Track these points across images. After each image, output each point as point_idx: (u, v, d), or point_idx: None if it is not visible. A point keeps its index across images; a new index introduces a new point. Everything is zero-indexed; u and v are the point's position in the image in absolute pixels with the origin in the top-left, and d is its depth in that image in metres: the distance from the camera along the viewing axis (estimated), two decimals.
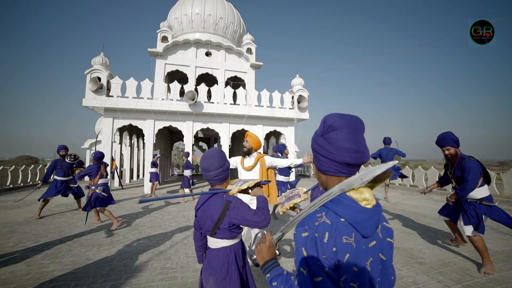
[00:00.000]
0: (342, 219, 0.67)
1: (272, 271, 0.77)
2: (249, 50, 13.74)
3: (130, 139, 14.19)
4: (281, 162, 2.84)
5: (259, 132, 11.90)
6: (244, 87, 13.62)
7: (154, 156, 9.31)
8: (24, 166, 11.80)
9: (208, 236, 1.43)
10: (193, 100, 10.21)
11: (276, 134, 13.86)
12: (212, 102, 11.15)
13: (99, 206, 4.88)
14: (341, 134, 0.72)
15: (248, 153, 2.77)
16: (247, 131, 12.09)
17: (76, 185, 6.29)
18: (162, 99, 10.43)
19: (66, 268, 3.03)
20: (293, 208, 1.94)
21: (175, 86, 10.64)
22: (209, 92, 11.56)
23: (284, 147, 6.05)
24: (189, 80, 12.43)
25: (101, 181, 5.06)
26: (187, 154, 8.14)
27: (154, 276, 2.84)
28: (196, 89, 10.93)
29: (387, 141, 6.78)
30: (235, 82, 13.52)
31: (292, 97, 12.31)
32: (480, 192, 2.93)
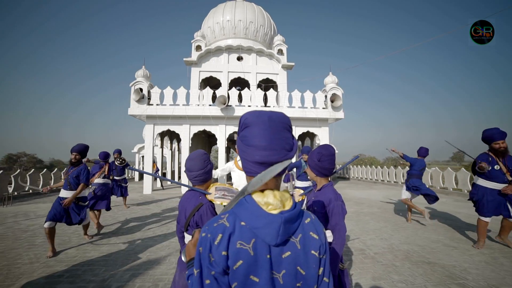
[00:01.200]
0: (242, 223, 0.63)
1: (190, 268, 0.76)
2: (280, 51, 13.69)
3: (171, 143, 15.39)
4: None
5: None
6: (276, 89, 13.59)
7: None
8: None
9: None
10: (224, 104, 10.59)
11: (310, 136, 13.44)
12: (243, 106, 11.39)
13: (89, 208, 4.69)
14: (252, 131, 0.68)
15: None
16: None
17: (126, 184, 7.10)
18: (197, 105, 11.06)
19: (102, 255, 3.53)
20: None
21: (208, 91, 11.19)
22: (240, 96, 11.85)
23: (308, 149, 5.80)
24: (222, 85, 12.95)
25: (97, 180, 5.00)
26: None
27: (169, 270, 3.02)
28: (228, 94, 11.33)
29: (423, 153, 5.25)
30: (267, 84, 13.59)
31: (326, 96, 11.80)
32: None
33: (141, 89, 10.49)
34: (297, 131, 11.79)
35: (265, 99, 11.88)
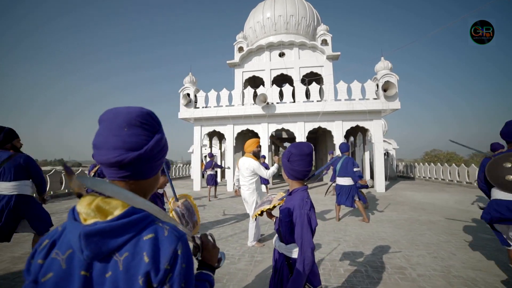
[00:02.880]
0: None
1: None
2: (324, 42, 12.80)
3: (220, 143, 16.23)
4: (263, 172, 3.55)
5: (338, 129, 10.77)
6: (320, 82, 12.78)
7: (210, 155, 8.79)
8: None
9: None
10: (265, 102, 10.51)
11: (362, 130, 12.15)
12: (284, 102, 11.08)
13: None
14: (97, 130, 0.62)
15: (257, 155, 3.74)
16: (324, 128, 11.25)
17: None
18: (243, 105, 11.21)
19: None
20: (270, 215, 1.61)
21: (249, 91, 11.31)
22: (281, 93, 11.57)
23: (345, 145, 5.26)
24: (265, 83, 12.91)
25: None
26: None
27: None
28: (269, 91, 11.20)
29: (498, 147, 4.52)
30: (311, 78, 12.88)
31: (377, 85, 10.42)
32: None
33: (188, 94, 11.34)
34: (344, 126, 10.79)
35: (308, 93, 11.26)
